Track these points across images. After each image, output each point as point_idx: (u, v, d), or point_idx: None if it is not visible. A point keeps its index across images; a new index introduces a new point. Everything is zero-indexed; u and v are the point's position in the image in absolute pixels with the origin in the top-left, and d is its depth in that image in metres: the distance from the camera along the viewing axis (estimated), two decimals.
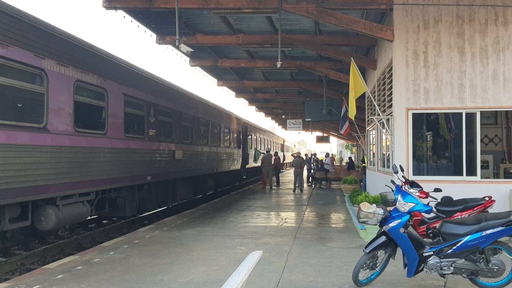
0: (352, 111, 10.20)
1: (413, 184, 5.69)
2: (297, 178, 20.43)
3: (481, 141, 11.09)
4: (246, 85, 20.86)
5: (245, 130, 25.60)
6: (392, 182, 6.11)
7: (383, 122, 10.60)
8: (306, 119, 20.05)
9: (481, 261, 5.13)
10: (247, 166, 25.95)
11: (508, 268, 5.24)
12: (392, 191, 5.60)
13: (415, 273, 5.26)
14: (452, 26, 9.29)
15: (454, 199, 7.18)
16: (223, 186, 21.61)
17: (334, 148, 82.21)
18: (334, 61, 15.45)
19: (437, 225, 5.46)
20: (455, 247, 5.12)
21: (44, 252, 8.62)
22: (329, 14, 9.67)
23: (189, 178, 15.40)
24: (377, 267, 5.54)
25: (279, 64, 11.72)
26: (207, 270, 6.38)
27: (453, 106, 9.30)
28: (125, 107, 10.50)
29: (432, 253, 5.19)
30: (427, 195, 5.65)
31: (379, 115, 10.16)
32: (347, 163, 28.67)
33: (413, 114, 9.47)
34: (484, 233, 5.05)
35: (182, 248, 7.86)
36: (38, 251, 8.54)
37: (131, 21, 11.63)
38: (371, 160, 14.87)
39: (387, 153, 11.08)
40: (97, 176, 9.19)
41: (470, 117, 9.34)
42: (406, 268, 5.31)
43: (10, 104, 7.16)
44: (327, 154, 29.91)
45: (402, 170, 6.39)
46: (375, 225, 5.62)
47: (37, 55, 7.41)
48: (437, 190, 5.92)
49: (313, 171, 25.22)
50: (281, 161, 34.07)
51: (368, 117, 14.92)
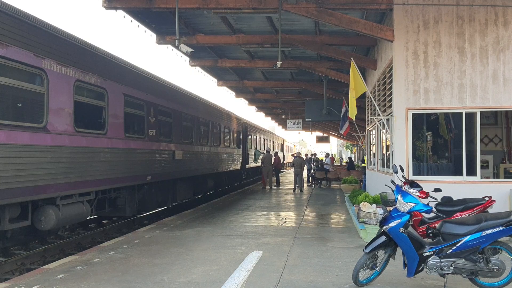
0: (352, 111, 10.20)
1: (413, 184, 5.69)
2: (297, 178, 20.43)
3: (481, 141, 11.09)
4: (246, 85, 20.85)
5: (245, 130, 25.60)
6: (392, 182, 6.11)
7: (383, 122, 10.60)
8: (306, 119, 20.05)
9: (481, 261, 5.13)
10: (247, 166, 25.95)
11: (508, 268, 5.25)
12: (392, 191, 5.60)
13: (415, 273, 5.26)
14: (452, 26, 9.29)
15: (454, 199, 7.19)
16: (223, 186, 21.61)
17: (334, 148, 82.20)
18: (334, 61, 15.45)
19: (437, 225, 5.46)
20: (455, 247, 5.12)
21: (44, 252, 8.63)
22: (329, 14, 9.67)
23: (189, 178, 15.40)
24: (377, 267, 5.54)
25: (279, 64, 11.72)
26: (207, 270, 6.38)
27: (453, 106, 9.30)
28: (125, 107, 10.50)
29: (432, 253, 5.19)
30: (427, 195, 5.65)
31: (379, 115, 10.17)
32: (347, 163, 28.67)
33: (413, 114, 9.47)
34: (484, 233, 5.05)
35: (182, 248, 7.86)
36: (38, 251, 8.54)
37: (131, 21, 11.64)
38: (371, 160, 14.87)
39: (387, 153, 11.08)
40: (97, 176, 9.19)
41: (470, 117, 9.34)
42: (406, 268, 5.31)
43: (10, 104, 7.17)
44: (327, 154, 29.90)
45: (402, 170, 6.39)
46: (375, 225, 5.62)
47: (37, 55, 7.41)
48: (437, 190, 5.92)
49: (313, 171, 25.22)
50: (281, 161, 34.07)
51: (368, 117, 14.92)
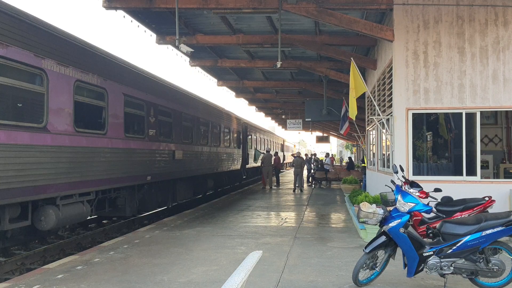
0: (352, 111, 10.20)
1: (413, 184, 5.69)
2: (297, 178, 20.43)
3: (481, 141, 11.09)
4: (246, 85, 20.85)
5: (245, 130, 25.60)
6: (392, 182, 6.11)
7: (383, 122, 10.60)
8: (306, 119, 20.04)
9: (481, 261, 5.13)
10: (247, 166, 25.95)
11: (508, 268, 5.25)
12: (392, 191, 5.60)
13: (415, 273, 5.26)
14: (452, 26, 9.29)
15: (454, 199, 7.19)
16: (223, 186, 21.61)
17: (334, 148, 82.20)
18: (334, 61, 15.45)
19: (437, 225, 5.46)
20: (455, 247, 5.12)
21: (44, 252, 8.62)
22: (329, 14, 9.67)
23: (189, 178, 15.40)
24: (377, 267, 5.54)
25: (279, 64, 11.72)
26: (207, 270, 6.39)
27: (453, 106, 9.30)
28: (125, 107, 10.50)
29: (432, 253, 5.19)
30: (427, 195, 5.65)
31: (379, 115, 10.16)
32: (347, 163, 28.66)
33: (413, 114, 9.47)
34: (484, 233, 5.05)
35: (182, 248, 7.86)
36: (38, 251, 8.54)
37: (131, 21, 11.64)
38: (371, 160, 14.87)
39: (387, 153, 11.08)
40: (97, 176, 9.19)
41: (470, 117, 9.34)
42: (406, 268, 5.31)
43: (10, 104, 7.16)
44: (327, 154, 29.87)
45: (402, 170, 6.40)
46: (375, 225, 5.62)
47: (37, 55, 7.41)
48: (437, 190, 5.92)
49: (313, 171, 25.22)
50: (281, 161, 34.08)
51: (368, 117, 14.92)
